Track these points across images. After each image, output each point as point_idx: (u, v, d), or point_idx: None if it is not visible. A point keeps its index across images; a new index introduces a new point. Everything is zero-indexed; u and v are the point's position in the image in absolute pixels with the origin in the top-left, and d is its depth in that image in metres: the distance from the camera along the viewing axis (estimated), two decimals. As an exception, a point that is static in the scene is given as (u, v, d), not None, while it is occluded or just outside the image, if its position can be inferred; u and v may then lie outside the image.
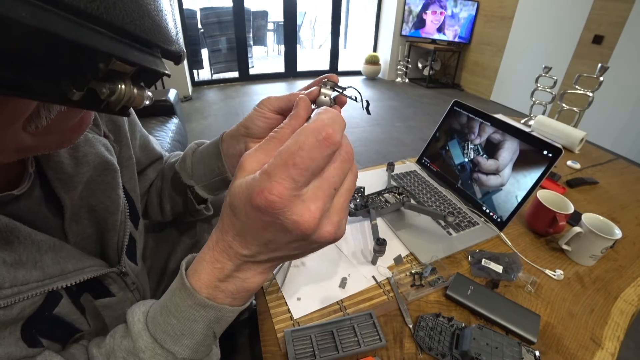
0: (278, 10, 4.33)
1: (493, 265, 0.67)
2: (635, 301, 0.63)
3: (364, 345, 0.50)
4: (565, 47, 3.14)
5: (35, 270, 0.30)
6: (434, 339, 0.52)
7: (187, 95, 3.47)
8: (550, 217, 0.73)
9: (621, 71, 2.64)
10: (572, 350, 0.53)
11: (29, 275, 0.30)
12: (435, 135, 0.99)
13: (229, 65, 4.10)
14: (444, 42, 4.25)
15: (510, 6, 3.63)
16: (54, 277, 0.32)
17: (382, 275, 0.65)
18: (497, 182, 0.81)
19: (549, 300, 0.61)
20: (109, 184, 0.41)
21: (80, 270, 0.35)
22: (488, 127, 0.85)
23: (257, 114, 0.42)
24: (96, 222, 0.40)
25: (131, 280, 0.45)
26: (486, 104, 3.93)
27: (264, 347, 0.51)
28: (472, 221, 0.80)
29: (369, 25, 4.91)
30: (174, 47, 0.23)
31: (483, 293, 0.59)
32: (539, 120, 1.36)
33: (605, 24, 2.81)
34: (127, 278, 0.44)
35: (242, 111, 3.19)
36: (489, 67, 4.04)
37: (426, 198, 0.88)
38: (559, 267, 0.69)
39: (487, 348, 0.49)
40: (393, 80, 4.66)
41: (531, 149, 0.76)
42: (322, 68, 4.75)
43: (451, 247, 0.72)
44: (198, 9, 3.78)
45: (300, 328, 0.52)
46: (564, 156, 1.16)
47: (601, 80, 1.33)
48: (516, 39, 3.66)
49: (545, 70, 1.50)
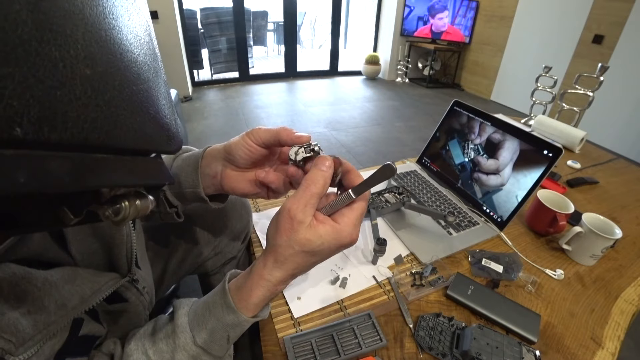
0: (278, 10, 4.33)
1: (493, 265, 0.67)
2: (636, 301, 0.63)
3: (365, 347, 0.50)
4: (565, 46, 3.14)
5: (59, 309, 0.31)
6: (434, 339, 0.52)
7: (187, 96, 3.47)
8: (551, 216, 0.73)
9: (621, 71, 2.63)
10: (572, 349, 0.53)
11: (53, 316, 0.30)
12: (436, 135, 0.99)
13: (229, 65, 4.10)
14: (444, 42, 4.25)
15: (510, 6, 3.63)
16: (76, 307, 0.32)
17: (382, 275, 0.65)
18: (497, 181, 0.81)
19: (550, 300, 0.61)
20: None
21: (98, 291, 0.35)
22: (488, 126, 0.85)
23: (242, 143, 0.41)
24: (101, 237, 0.40)
25: (142, 285, 0.45)
26: (486, 104, 3.93)
27: (264, 347, 0.51)
28: (473, 221, 0.80)
29: (369, 25, 4.90)
30: (173, 146, 0.22)
31: (483, 293, 0.59)
32: (539, 120, 1.36)
33: (605, 23, 2.81)
34: (138, 284, 0.44)
35: (242, 111, 3.19)
36: (489, 67, 4.04)
37: (426, 198, 0.88)
38: (560, 267, 0.69)
39: (487, 348, 0.49)
40: (393, 80, 4.66)
41: (531, 148, 0.76)
42: (322, 68, 4.75)
43: (451, 247, 0.72)
44: (198, 9, 3.77)
45: (300, 334, 0.52)
46: (564, 156, 1.16)
47: (601, 80, 1.33)
48: (516, 38, 3.66)
49: (545, 70, 1.50)
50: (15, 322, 0.27)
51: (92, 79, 0.14)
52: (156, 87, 0.19)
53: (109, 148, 0.16)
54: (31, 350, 0.27)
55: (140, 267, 0.47)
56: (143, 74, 0.18)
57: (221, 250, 0.70)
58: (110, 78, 0.15)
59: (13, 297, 0.27)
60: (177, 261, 0.67)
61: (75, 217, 0.17)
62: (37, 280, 0.30)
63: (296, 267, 0.34)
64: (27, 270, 0.29)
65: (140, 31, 0.19)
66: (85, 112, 0.14)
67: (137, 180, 0.18)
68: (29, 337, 0.27)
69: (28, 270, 0.29)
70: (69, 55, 0.13)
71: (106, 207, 0.18)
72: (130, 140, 0.17)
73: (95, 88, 0.14)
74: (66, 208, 0.16)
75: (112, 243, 0.41)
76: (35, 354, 0.28)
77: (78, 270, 0.35)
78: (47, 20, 0.13)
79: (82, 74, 0.14)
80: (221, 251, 0.70)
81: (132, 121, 0.17)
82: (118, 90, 0.16)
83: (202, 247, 0.68)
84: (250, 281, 0.35)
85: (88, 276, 0.36)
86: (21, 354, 0.27)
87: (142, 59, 0.18)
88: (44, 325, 0.29)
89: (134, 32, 0.18)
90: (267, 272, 0.34)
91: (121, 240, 0.41)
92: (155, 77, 0.20)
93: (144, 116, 0.18)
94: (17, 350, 0.26)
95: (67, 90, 0.13)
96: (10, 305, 0.27)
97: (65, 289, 0.32)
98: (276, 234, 0.33)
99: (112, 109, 0.15)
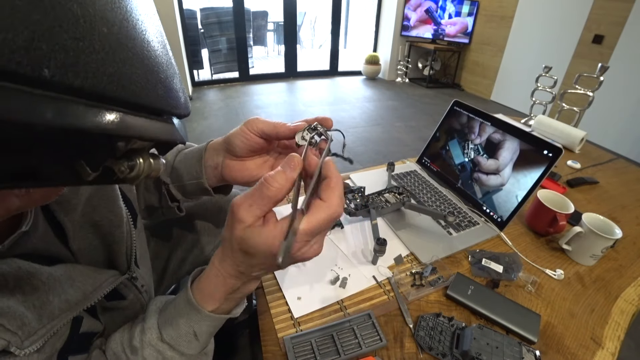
0: (278, 10, 4.33)
1: (493, 265, 0.67)
2: (636, 301, 0.63)
3: (365, 347, 0.50)
4: (565, 46, 3.14)
5: (63, 304, 0.31)
6: (434, 339, 0.52)
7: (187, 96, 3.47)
8: (551, 216, 0.73)
9: (621, 71, 2.63)
10: (572, 350, 0.53)
11: (57, 310, 0.30)
12: (436, 135, 0.99)
13: (229, 65, 4.10)
14: (444, 42, 4.25)
15: (510, 6, 3.63)
16: (78, 303, 0.33)
17: (382, 275, 0.65)
18: (497, 181, 0.81)
19: (550, 300, 0.61)
20: (109, 198, 0.41)
21: (99, 287, 0.36)
22: (488, 126, 0.85)
23: (240, 132, 0.42)
24: (102, 234, 0.41)
25: (141, 284, 0.45)
26: (486, 104, 3.93)
27: (264, 347, 0.51)
28: (473, 221, 0.80)
29: (369, 25, 4.90)
30: (183, 110, 0.23)
31: (483, 293, 0.59)
32: (539, 120, 1.36)
33: (605, 23, 2.81)
34: (137, 282, 0.44)
35: (242, 111, 3.19)
36: (489, 67, 4.04)
37: (426, 198, 0.88)
38: (560, 267, 0.69)
39: (487, 348, 0.49)
40: (393, 80, 4.66)
41: (531, 148, 0.76)
42: (322, 68, 4.75)
43: (451, 247, 0.72)
44: (198, 9, 3.77)
45: (300, 334, 0.52)
46: (564, 156, 1.16)
47: (601, 80, 1.33)
48: (516, 38, 3.66)
49: (545, 70, 1.50)
50: (21, 316, 0.27)
51: (109, 37, 0.16)
52: (166, 59, 0.21)
53: (124, 102, 0.17)
54: (36, 344, 0.28)
55: (139, 265, 0.47)
56: (153, 43, 0.20)
57: (221, 250, 0.70)
58: (125, 39, 0.17)
59: (19, 292, 0.28)
60: (177, 261, 0.67)
61: (93, 171, 0.18)
62: (42, 276, 0.30)
63: (239, 264, 0.33)
64: (32, 266, 0.30)
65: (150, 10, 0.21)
66: (104, 65, 0.16)
67: (151, 132, 0.19)
68: (34, 330, 0.28)
69: (33, 266, 0.30)
70: (88, 13, 0.15)
71: (122, 162, 0.19)
72: (144, 97, 0.18)
73: (112, 46, 0.16)
74: (84, 162, 0.18)
75: (112, 240, 0.41)
76: (39, 350, 0.28)
77: (79, 267, 0.35)
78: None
79: (100, 31, 0.16)
80: (221, 251, 0.70)
81: (146, 81, 0.18)
82: (132, 52, 0.17)
83: (203, 247, 0.68)
84: (207, 272, 0.36)
85: (89, 273, 0.36)
86: (27, 347, 0.27)
87: (153, 32, 0.20)
88: (49, 319, 0.29)
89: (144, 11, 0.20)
90: (218, 263, 0.35)
91: (121, 237, 0.41)
92: (164, 50, 0.21)
93: (155, 77, 0.19)
94: (22, 343, 0.27)
95: (88, 43, 0.15)
96: (16, 299, 0.27)
97: (68, 284, 0.33)
98: (225, 228, 0.33)
99: (127, 67, 0.17)
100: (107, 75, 0.16)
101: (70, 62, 0.14)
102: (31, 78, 0.13)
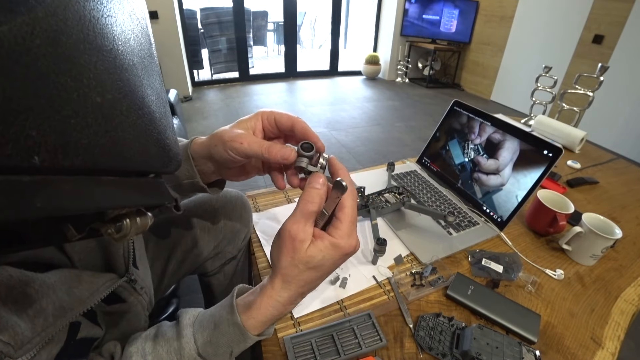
0: (278, 10, 4.33)
1: (493, 265, 0.67)
2: (636, 301, 0.63)
3: (365, 347, 0.50)
4: (565, 47, 3.14)
5: (57, 311, 0.31)
6: (434, 339, 0.52)
7: (187, 96, 3.47)
8: (551, 216, 0.73)
9: (621, 71, 2.63)
10: (572, 350, 0.53)
11: (51, 318, 0.30)
12: (436, 135, 0.99)
13: (229, 65, 4.10)
14: (444, 42, 4.25)
15: (510, 6, 3.63)
16: (74, 308, 0.32)
17: (382, 275, 0.65)
18: (497, 181, 0.81)
19: (550, 300, 0.61)
20: None
21: (96, 292, 0.35)
22: (488, 126, 0.85)
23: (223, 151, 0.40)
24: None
25: (140, 285, 0.45)
26: (486, 104, 3.93)
27: (264, 347, 0.51)
28: (473, 221, 0.80)
29: (369, 25, 4.90)
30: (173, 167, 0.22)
31: (483, 293, 0.59)
32: (539, 120, 1.36)
33: (605, 23, 2.81)
34: (136, 284, 0.44)
35: (242, 111, 3.19)
36: (489, 67, 4.04)
37: (426, 198, 0.88)
38: (560, 267, 0.69)
39: (487, 348, 0.49)
40: (393, 80, 4.66)
41: (531, 148, 0.76)
42: (322, 68, 4.75)
43: (451, 247, 0.72)
44: (198, 9, 3.78)
45: (300, 334, 0.52)
46: (564, 156, 1.16)
47: (601, 80, 1.33)
48: (516, 38, 3.66)
49: (545, 70, 1.50)
50: (13, 325, 0.26)
51: (102, 106, 0.15)
52: (159, 108, 0.20)
53: (115, 171, 0.16)
54: (30, 353, 0.27)
55: (138, 267, 0.47)
56: (147, 97, 0.18)
57: (221, 251, 0.70)
58: (119, 104, 0.16)
59: (11, 300, 0.27)
60: (176, 261, 0.67)
61: (79, 233, 0.18)
62: (34, 283, 0.29)
63: (304, 284, 0.35)
64: (24, 273, 0.29)
65: (145, 52, 0.19)
66: (96, 138, 0.15)
67: (140, 200, 0.19)
68: (28, 340, 0.27)
69: (25, 273, 0.29)
70: (82, 85, 0.14)
71: (109, 225, 0.19)
72: (135, 163, 0.17)
73: (106, 115, 0.15)
74: (70, 225, 0.17)
75: (109, 242, 0.41)
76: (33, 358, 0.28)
77: (75, 272, 0.35)
78: (64, 52, 0.13)
79: (94, 102, 0.14)
80: (221, 251, 0.70)
81: (137, 144, 0.17)
82: (125, 116, 0.16)
83: (202, 247, 0.68)
84: (260, 300, 0.36)
85: (85, 277, 0.35)
86: (20, 356, 0.27)
87: (147, 82, 0.19)
88: (42, 327, 0.29)
89: (139, 55, 0.18)
90: (276, 293, 0.35)
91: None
92: (158, 98, 0.20)
93: (147, 138, 0.18)
94: (15, 352, 0.26)
95: (80, 119, 0.14)
96: (8, 308, 0.27)
97: (62, 291, 0.32)
98: (280, 255, 0.34)
99: (120, 134, 0.16)
100: (99, 147, 0.15)
101: (61, 144, 0.13)
102: (20, 168, 0.12)
